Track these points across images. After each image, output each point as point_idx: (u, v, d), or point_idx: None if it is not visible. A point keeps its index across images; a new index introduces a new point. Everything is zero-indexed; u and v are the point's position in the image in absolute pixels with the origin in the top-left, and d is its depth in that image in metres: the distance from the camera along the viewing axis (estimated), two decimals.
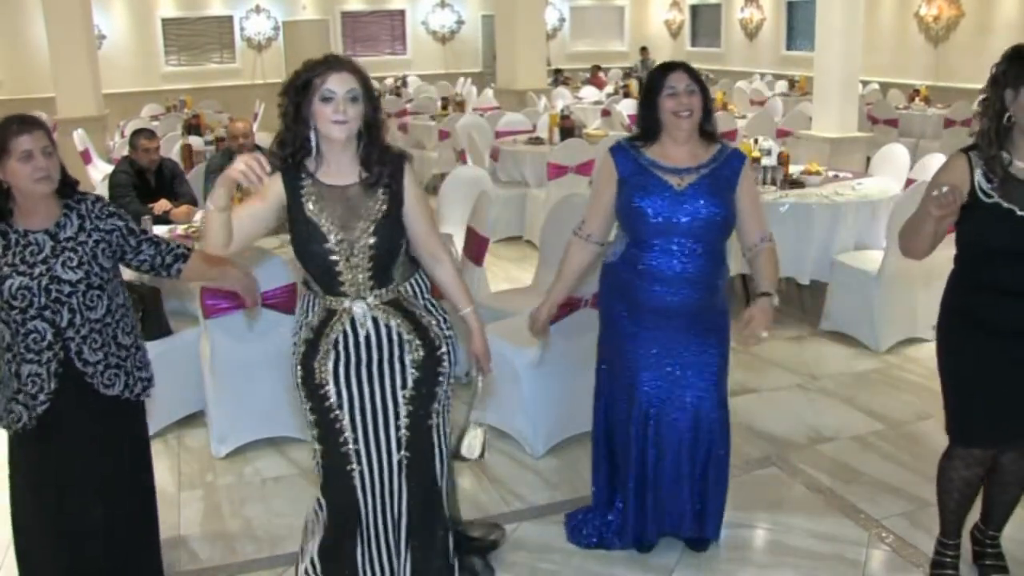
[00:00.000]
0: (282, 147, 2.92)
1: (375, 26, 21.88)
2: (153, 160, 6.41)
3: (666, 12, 23.79)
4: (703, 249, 3.41)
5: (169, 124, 11.76)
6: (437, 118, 12.38)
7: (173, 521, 4.12)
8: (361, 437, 3.04)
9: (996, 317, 3.10)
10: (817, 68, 10.14)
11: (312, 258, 2.95)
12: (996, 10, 14.26)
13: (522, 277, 7.37)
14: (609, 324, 3.65)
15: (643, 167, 3.43)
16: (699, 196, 3.37)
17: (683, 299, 3.43)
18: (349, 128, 2.86)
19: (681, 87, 3.36)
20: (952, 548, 3.48)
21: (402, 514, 3.14)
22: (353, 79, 2.86)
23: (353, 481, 3.07)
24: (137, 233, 3.13)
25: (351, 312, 2.98)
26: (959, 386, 3.25)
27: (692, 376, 3.52)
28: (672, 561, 3.73)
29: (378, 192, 2.95)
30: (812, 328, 6.41)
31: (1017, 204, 2.97)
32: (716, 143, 3.50)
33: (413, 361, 3.05)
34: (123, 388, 3.14)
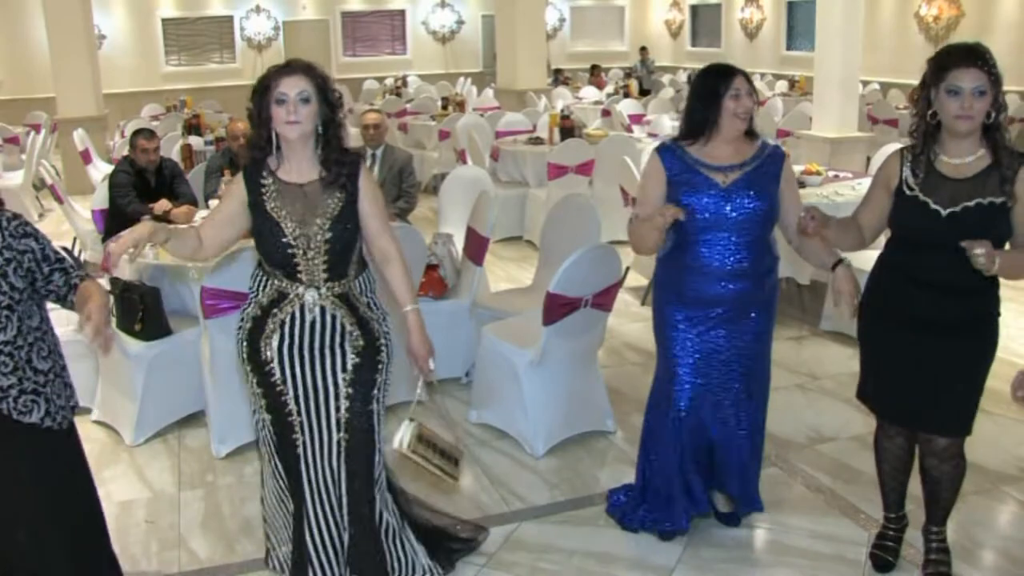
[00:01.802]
0: (253, 148, 3.14)
1: (375, 26, 21.88)
2: (152, 160, 6.40)
3: (666, 12, 23.77)
4: (748, 242, 3.55)
5: (169, 124, 11.76)
6: (437, 118, 12.37)
7: (173, 521, 4.13)
8: (304, 411, 3.20)
9: (909, 305, 3.29)
10: (817, 68, 10.13)
11: (272, 250, 3.11)
12: (996, 10, 14.26)
13: (522, 277, 7.38)
14: (658, 315, 3.78)
15: (689, 166, 3.57)
16: (744, 191, 3.52)
17: (730, 291, 3.59)
18: (301, 128, 3.03)
19: (744, 90, 3.52)
20: (894, 522, 3.68)
21: (342, 494, 3.26)
22: (304, 81, 3.03)
23: (297, 450, 3.22)
24: (52, 260, 2.93)
25: (302, 298, 3.14)
26: (870, 362, 3.52)
27: (733, 360, 3.69)
28: (672, 561, 3.74)
29: (335, 191, 3.12)
30: (812, 328, 6.41)
31: (933, 198, 3.16)
32: (757, 140, 3.66)
33: (353, 347, 3.20)
34: (43, 415, 2.89)
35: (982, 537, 3.92)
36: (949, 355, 3.28)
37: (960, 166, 3.16)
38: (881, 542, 3.69)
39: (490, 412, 4.89)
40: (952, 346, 3.27)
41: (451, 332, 5.34)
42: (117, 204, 6.29)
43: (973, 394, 3.36)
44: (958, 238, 3.03)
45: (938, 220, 3.15)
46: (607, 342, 4.93)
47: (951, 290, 3.20)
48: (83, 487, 3.13)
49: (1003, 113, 3.14)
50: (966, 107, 3.05)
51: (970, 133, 3.12)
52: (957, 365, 3.29)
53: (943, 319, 3.24)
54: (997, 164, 3.12)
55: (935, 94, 3.12)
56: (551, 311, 4.30)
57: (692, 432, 3.74)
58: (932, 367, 3.30)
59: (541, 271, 5.63)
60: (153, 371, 4.81)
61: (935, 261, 3.18)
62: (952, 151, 3.18)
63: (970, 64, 3.05)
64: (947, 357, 3.28)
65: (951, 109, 3.07)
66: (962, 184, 3.14)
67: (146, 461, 4.68)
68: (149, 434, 4.87)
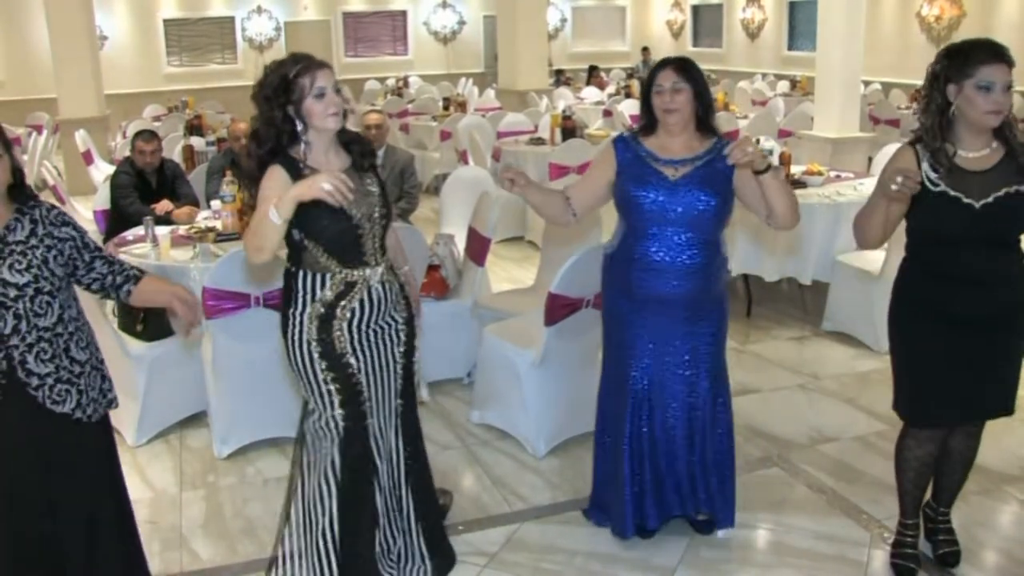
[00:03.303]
0: (260, 144, 3.13)
1: (377, 27, 21.87)
2: (150, 162, 6.41)
3: (668, 12, 23.77)
4: (698, 239, 3.51)
5: (171, 125, 11.76)
6: (439, 119, 12.37)
7: (175, 521, 4.13)
8: (373, 393, 3.30)
9: (947, 304, 3.27)
10: (819, 68, 10.12)
11: (337, 237, 3.15)
12: (997, 10, 14.25)
13: (524, 277, 7.38)
14: (609, 315, 3.76)
15: (640, 158, 3.57)
16: (693, 187, 3.48)
17: (678, 289, 3.54)
18: (341, 117, 3.14)
19: (667, 85, 3.49)
20: (912, 528, 3.66)
21: (400, 456, 3.44)
22: (331, 73, 3.13)
23: (367, 432, 3.30)
24: (92, 248, 2.97)
25: (369, 280, 3.22)
26: (912, 370, 3.43)
27: (686, 361, 3.64)
28: (674, 561, 3.73)
29: (367, 172, 3.28)
30: (814, 328, 6.41)
31: (963, 192, 3.15)
32: (713, 136, 3.59)
33: (402, 317, 3.38)
34: (75, 406, 2.90)
35: (985, 537, 3.91)
36: (994, 346, 3.31)
37: (978, 159, 3.19)
38: (901, 550, 3.65)
39: (492, 412, 4.89)
40: (996, 337, 3.30)
41: (453, 333, 5.34)
42: (119, 205, 6.29)
43: (1018, 373, 3.42)
44: (992, 230, 3.11)
45: (972, 213, 3.14)
46: None
47: (983, 282, 3.21)
48: (113, 482, 3.17)
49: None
50: (998, 103, 3.08)
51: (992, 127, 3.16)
52: (1002, 354, 3.34)
53: (981, 312, 3.24)
54: (1012, 154, 3.17)
55: (956, 90, 3.13)
56: (553, 311, 4.30)
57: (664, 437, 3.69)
58: (980, 361, 3.31)
59: (542, 272, 5.63)
60: (155, 372, 4.81)
61: (972, 255, 3.19)
62: (970, 145, 3.20)
63: (1000, 60, 3.09)
64: (992, 348, 3.31)
65: (982, 105, 3.09)
66: (987, 176, 3.16)
67: (148, 461, 4.69)
68: (151, 435, 4.87)
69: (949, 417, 3.46)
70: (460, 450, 4.72)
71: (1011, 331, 3.32)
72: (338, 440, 3.24)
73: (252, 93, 3.13)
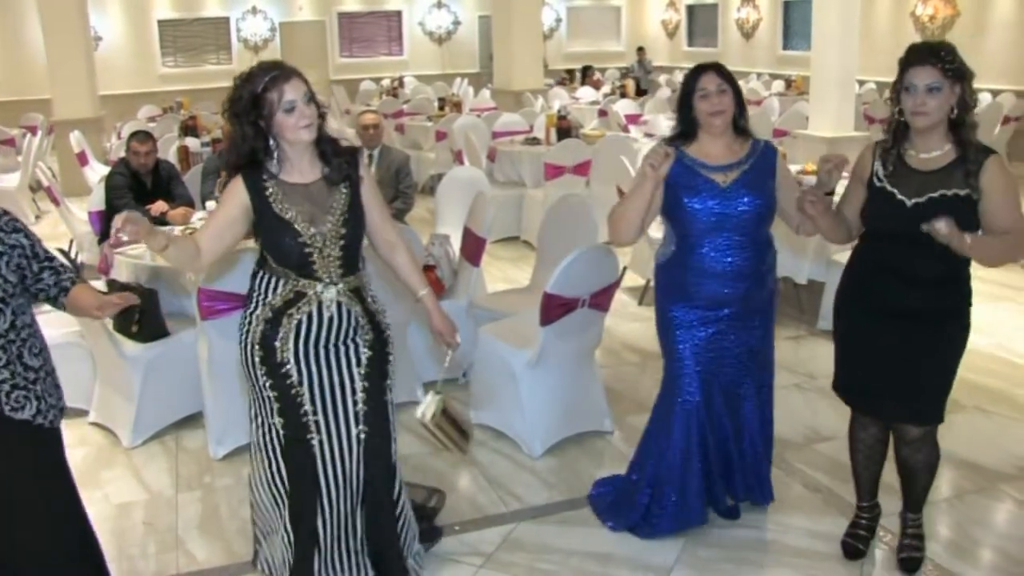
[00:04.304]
0: (232, 156, 3.11)
1: (372, 27, 21.87)
2: (145, 164, 6.40)
3: (663, 12, 23.77)
4: (749, 241, 3.59)
5: (166, 125, 11.74)
6: (434, 119, 12.38)
7: (171, 523, 4.12)
8: (320, 410, 3.20)
9: (872, 294, 3.41)
10: (813, 67, 10.14)
11: (287, 251, 3.11)
12: (991, 9, 14.26)
13: (519, 277, 7.37)
14: (664, 320, 3.79)
15: (688, 167, 3.59)
16: (743, 190, 3.55)
17: (734, 290, 3.62)
18: (315, 127, 3.05)
19: (712, 88, 3.55)
20: (866, 511, 3.79)
21: (359, 484, 3.30)
22: (301, 82, 3.03)
23: (313, 451, 3.21)
24: (41, 258, 2.90)
25: (321, 296, 3.15)
26: (841, 352, 3.60)
27: (739, 358, 3.74)
28: (671, 560, 3.74)
29: (340, 186, 3.16)
30: (810, 328, 6.41)
31: (900, 189, 3.27)
32: (749, 138, 3.67)
33: (365, 342, 3.26)
34: (35, 412, 2.85)
35: (980, 536, 3.92)
36: (917, 345, 3.35)
37: (927, 159, 3.26)
38: (853, 531, 3.78)
39: (488, 413, 4.88)
40: (920, 336, 3.34)
41: None
42: (114, 206, 6.28)
43: (943, 383, 3.43)
44: (919, 229, 3.14)
45: (903, 210, 3.24)
46: (604, 342, 4.93)
47: (918, 280, 3.28)
48: (70, 488, 3.08)
49: (970, 110, 3.21)
50: (919, 103, 3.16)
51: (928, 128, 3.22)
52: (925, 354, 3.36)
53: (911, 309, 3.32)
54: (963, 159, 3.20)
55: (901, 93, 3.25)
56: (548, 311, 4.30)
57: (714, 432, 3.78)
58: (901, 357, 3.37)
59: (538, 271, 5.63)
60: (150, 373, 4.80)
61: (901, 251, 3.28)
62: (920, 145, 3.28)
63: (924, 62, 3.17)
64: (915, 347, 3.35)
65: (908, 105, 3.20)
66: (929, 176, 3.24)
67: (143, 463, 4.68)
68: (146, 436, 4.86)
69: (859, 404, 3.62)
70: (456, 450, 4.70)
71: (938, 331, 3.34)
72: (280, 449, 3.22)
73: (222, 109, 3.10)
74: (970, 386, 4.96)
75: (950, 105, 3.18)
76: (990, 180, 3.17)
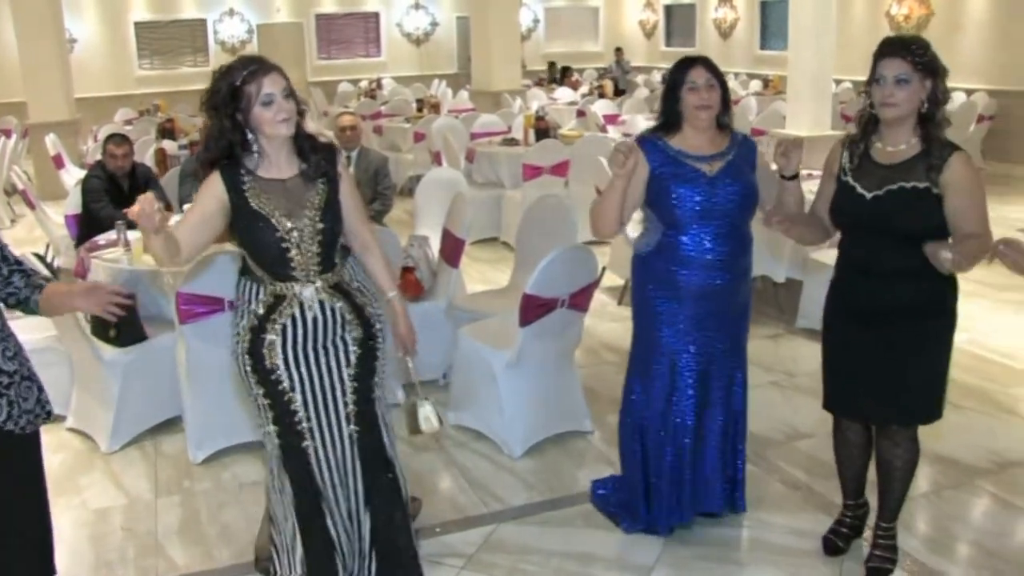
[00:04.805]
0: (208, 151, 3.10)
1: (350, 28, 21.82)
2: (121, 166, 6.37)
3: (640, 12, 23.83)
4: (734, 231, 3.62)
5: (143, 128, 11.68)
6: (412, 120, 12.37)
7: (150, 528, 4.10)
8: (313, 415, 3.19)
9: (848, 294, 3.43)
10: (790, 67, 10.20)
11: (264, 248, 3.09)
12: (965, 9, 14.38)
13: (498, 278, 7.37)
14: (645, 313, 3.78)
15: (672, 157, 3.60)
16: (729, 180, 3.58)
17: (720, 280, 3.64)
18: (293, 122, 3.04)
19: (701, 82, 3.57)
20: (850, 510, 3.79)
21: (358, 484, 3.30)
22: (281, 77, 3.03)
23: (308, 457, 3.21)
24: (11, 261, 2.85)
25: (300, 296, 3.13)
26: (824, 355, 3.61)
27: (726, 352, 3.76)
28: (651, 559, 3.75)
29: (317, 182, 3.15)
30: (788, 326, 6.44)
31: (862, 182, 3.29)
32: (729, 131, 3.70)
33: (354, 340, 3.23)
34: (6, 418, 2.77)
35: (957, 531, 3.96)
36: (901, 342, 3.32)
37: (892, 153, 3.28)
38: (837, 528, 3.80)
39: (467, 414, 4.88)
40: (902, 333, 3.31)
41: (427, 334, 5.28)
42: (90, 209, 6.25)
43: (932, 379, 3.39)
44: (881, 221, 3.19)
45: (863, 203, 3.26)
46: (584, 342, 4.93)
47: (890, 274, 3.27)
48: (38, 500, 3.00)
49: (940, 105, 3.22)
50: (887, 95, 3.18)
51: (896, 120, 3.22)
52: (910, 352, 3.32)
53: (889, 306, 3.30)
54: (927, 153, 3.21)
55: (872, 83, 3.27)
56: (527, 312, 4.31)
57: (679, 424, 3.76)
58: (885, 357, 3.34)
59: (517, 272, 5.63)
60: (129, 377, 4.77)
61: (868, 245, 3.29)
62: (888, 138, 3.30)
63: (893, 54, 3.19)
64: (899, 344, 3.32)
65: (876, 96, 3.22)
66: (891, 169, 3.25)
67: (122, 468, 4.65)
68: (125, 441, 4.83)
69: (841, 408, 3.61)
70: (436, 452, 4.71)
71: (914, 331, 3.31)
72: (280, 459, 3.22)
73: (200, 102, 3.09)
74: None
75: (920, 99, 3.19)
76: (954, 177, 3.15)
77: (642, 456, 3.82)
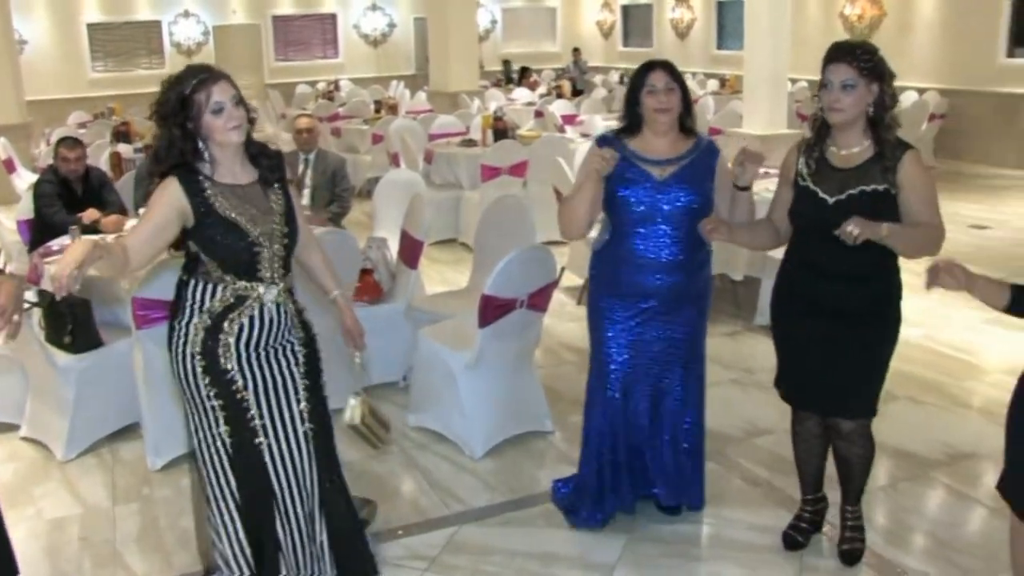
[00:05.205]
0: (159, 161, 3.06)
1: (307, 30, 21.71)
2: (74, 170, 6.28)
3: (598, 13, 23.91)
4: (683, 235, 3.63)
5: (97, 132, 11.54)
6: (370, 122, 12.33)
7: (108, 536, 4.05)
8: (266, 413, 3.18)
9: (802, 292, 3.48)
10: (746, 67, 10.29)
11: (233, 253, 3.07)
12: (916, 10, 14.59)
13: (457, 279, 7.37)
14: (594, 309, 3.83)
15: (627, 159, 3.63)
16: (679, 185, 3.61)
17: (663, 283, 3.66)
18: (243, 129, 3.05)
19: (660, 85, 3.60)
20: (810, 503, 3.84)
21: (314, 484, 3.30)
22: (230, 85, 3.03)
23: (263, 456, 3.18)
24: None
25: (262, 297, 3.13)
26: (778, 350, 3.66)
27: (660, 351, 3.77)
28: (613, 558, 3.76)
29: (275, 187, 3.18)
30: (746, 323, 6.50)
31: (822, 187, 3.34)
32: (694, 136, 3.72)
33: (299, 340, 3.28)
34: None
35: (913, 522, 4.01)
36: (849, 341, 3.41)
37: (847, 156, 3.34)
38: (796, 523, 3.84)
39: (428, 415, 4.87)
40: (851, 332, 3.41)
41: (387, 336, 5.32)
42: (43, 214, 6.16)
43: (873, 378, 3.49)
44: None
45: (826, 208, 3.31)
46: (543, 342, 4.94)
47: (844, 277, 3.35)
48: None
49: (888, 109, 3.28)
50: (833, 100, 3.24)
51: (843, 124, 3.30)
52: (856, 351, 3.43)
53: (841, 306, 3.38)
54: (880, 155, 3.28)
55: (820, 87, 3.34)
56: (486, 313, 4.31)
57: (629, 423, 3.82)
58: (833, 354, 3.43)
59: (476, 273, 5.63)
60: (84, 384, 4.71)
61: (827, 249, 3.31)
62: (840, 142, 3.36)
63: (840, 60, 3.25)
64: (847, 343, 3.42)
65: (824, 101, 3.29)
66: (849, 173, 3.31)
67: (78, 476, 4.58)
68: (81, 448, 4.76)
69: (796, 401, 3.68)
70: (397, 454, 4.70)
71: (868, 328, 3.41)
72: (228, 460, 3.16)
73: (150, 112, 3.07)
74: (901, 376, 5.05)
75: (866, 103, 3.25)
76: (907, 175, 3.25)
77: (596, 449, 3.86)
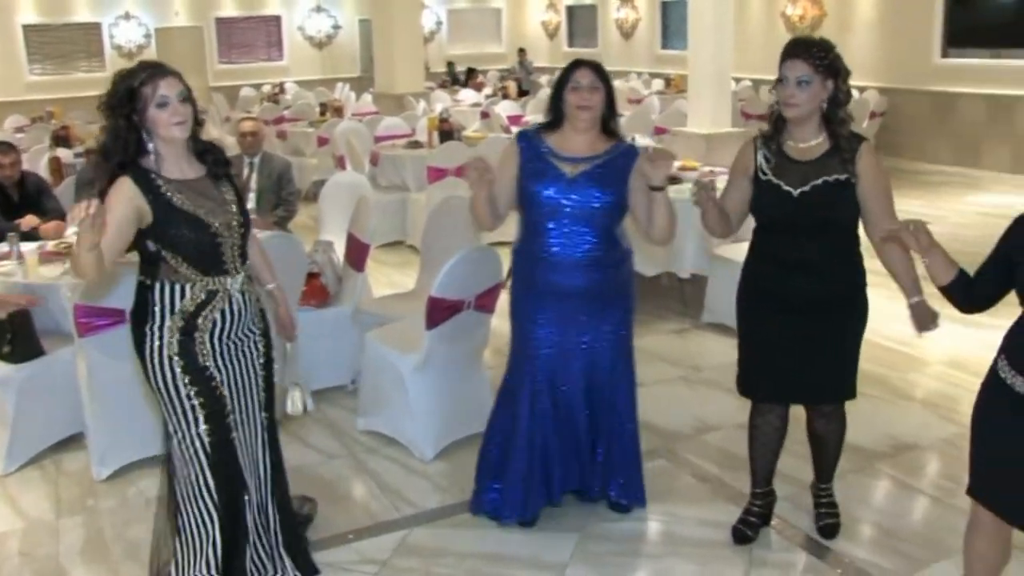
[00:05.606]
0: (109, 157, 3.05)
1: (251, 32, 21.51)
2: (9, 175, 6.14)
3: (543, 13, 23.98)
4: (593, 233, 3.63)
5: (36, 136, 11.33)
6: (315, 124, 12.25)
7: (51, 551, 3.97)
8: (236, 404, 3.24)
9: (770, 286, 3.52)
10: (691, 66, 10.37)
11: (196, 247, 3.08)
12: (855, 10, 14.83)
13: (404, 282, 7.34)
14: (514, 306, 3.85)
15: (541, 154, 3.67)
16: (589, 184, 3.61)
17: (577, 281, 3.67)
18: (188, 126, 3.08)
19: (585, 83, 3.63)
20: (759, 497, 3.88)
21: (267, 471, 3.40)
22: (178, 81, 3.07)
23: (235, 450, 3.23)
24: None
25: (230, 289, 3.18)
26: (740, 343, 3.71)
27: (583, 349, 3.77)
28: (565, 557, 3.77)
29: (223, 181, 3.24)
30: (694, 321, 6.54)
31: (784, 180, 3.38)
32: (615, 138, 3.74)
33: (259, 329, 3.34)
34: None
35: (859, 513, 4.06)
36: (824, 333, 3.48)
37: (805, 149, 3.40)
38: (746, 517, 3.87)
39: (377, 419, 4.85)
40: (825, 324, 3.47)
41: (335, 339, 5.29)
42: None
43: (851, 360, 3.59)
44: (809, 216, 3.32)
45: (790, 200, 3.36)
46: (492, 343, 4.94)
47: (811, 268, 3.41)
48: None
49: (842, 105, 3.34)
50: (788, 95, 3.31)
51: (799, 119, 3.36)
52: (832, 341, 3.50)
53: (812, 299, 3.44)
54: (836, 147, 3.35)
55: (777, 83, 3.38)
56: (434, 314, 4.30)
57: (558, 424, 3.83)
58: (810, 348, 3.49)
59: (423, 275, 5.62)
60: (24, 394, 4.61)
61: (792, 240, 3.40)
62: (796, 135, 3.42)
63: (794, 56, 3.32)
64: (823, 335, 3.48)
65: (779, 96, 3.35)
66: (809, 166, 3.37)
67: (20, 490, 4.48)
68: (22, 461, 4.66)
69: (764, 393, 3.70)
70: (347, 458, 4.67)
71: (838, 317, 3.50)
72: (206, 460, 3.16)
73: (98, 103, 3.08)
74: None
75: (821, 99, 3.31)
76: (865, 165, 3.34)
77: (506, 444, 3.89)
